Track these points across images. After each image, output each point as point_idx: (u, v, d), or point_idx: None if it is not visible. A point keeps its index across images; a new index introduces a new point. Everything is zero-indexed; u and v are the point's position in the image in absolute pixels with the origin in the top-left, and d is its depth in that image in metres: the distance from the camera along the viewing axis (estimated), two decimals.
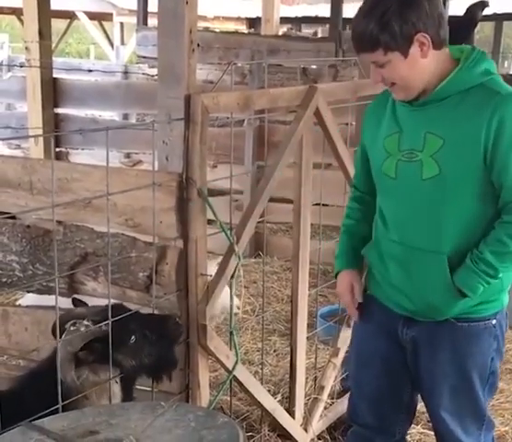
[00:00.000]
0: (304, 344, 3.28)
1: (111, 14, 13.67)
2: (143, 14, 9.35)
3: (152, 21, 9.29)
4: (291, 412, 3.25)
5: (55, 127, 6.01)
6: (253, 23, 13.40)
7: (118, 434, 1.77)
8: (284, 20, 11.23)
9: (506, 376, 4.08)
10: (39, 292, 2.79)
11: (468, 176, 2.03)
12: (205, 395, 2.71)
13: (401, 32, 1.97)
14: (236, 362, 2.77)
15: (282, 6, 9.52)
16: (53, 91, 5.98)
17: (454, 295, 2.11)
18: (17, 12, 11.42)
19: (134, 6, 9.99)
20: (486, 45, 14.60)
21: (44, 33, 5.63)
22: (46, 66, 5.78)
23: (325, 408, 3.44)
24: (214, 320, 4.03)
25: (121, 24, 14.25)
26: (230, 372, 2.77)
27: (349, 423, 2.55)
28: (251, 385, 2.96)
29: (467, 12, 7.20)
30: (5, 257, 2.75)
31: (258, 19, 11.30)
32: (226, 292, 2.77)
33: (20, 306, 3.73)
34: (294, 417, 3.26)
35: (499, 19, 12.10)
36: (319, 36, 12.18)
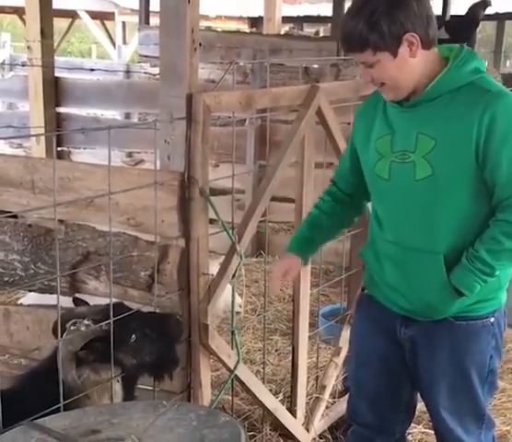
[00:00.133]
0: (306, 344, 3.27)
1: (113, 13, 13.66)
2: (145, 13, 9.34)
3: (154, 20, 9.28)
4: (293, 411, 3.25)
5: (57, 126, 6.01)
6: (255, 22, 13.40)
7: (120, 433, 1.77)
8: (286, 19, 11.22)
9: (508, 375, 4.08)
10: (40, 291, 2.79)
11: (461, 175, 2.03)
12: (207, 394, 2.71)
13: (390, 32, 1.97)
14: (237, 361, 2.77)
15: (284, 6, 9.50)
16: (55, 90, 5.98)
17: (451, 294, 2.10)
18: (19, 11, 11.41)
19: (136, 6, 9.99)
20: (488, 44, 14.60)
21: (46, 32, 5.63)
22: (48, 65, 5.78)
23: (327, 407, 3.44)
24: (216, 319, 4.03)
25: (123, 23, 14.25)
26: (232, 371, 2.77)
27: (349, 422, 2.55)
28: (253, 384, 2.96)
29: (469, 11, 7.20)
30: (6, 256, 2.75)
31: (260, 19, 11.32)
32: (228, 290, 2.78)
33: (22, 305, 3.73)
34: (295, 416, 3.26)
35: (501, 19, 12.08)
36: (321, 35, 12.17)
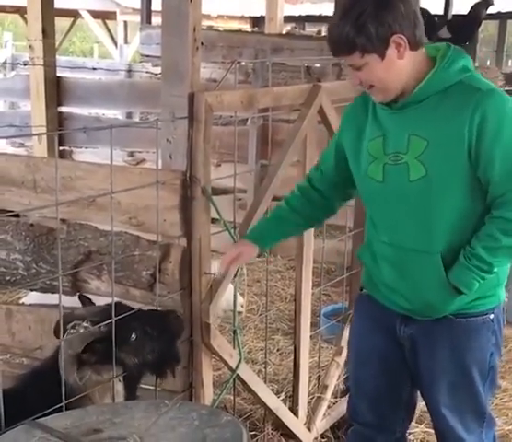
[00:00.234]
0: (307, 343, 3.27)
1: (115, 12, 13.67)
2: (146, 12, 9.34)
3: (156, 20, 9.29)
4: (294, 410, 3.25)
5: (59, 125, 6.01)
6: (257, 22, 13.39)
7: (121, 432, 1.77)
8: (287, 19, 11.22)
9: (510, 375, 4.07)
10: (42, 290, 2.79)
11: (454, 175, 2.02)
12: (209, 394, 2.71)
13: (378, 34, 1.96)
14: (239, 361, 2.77)
15: (286, 5, 9.49)
16: (57, 90, 5.97)
17: (450, 292, 2.10)
18: (21, 10, 11.45)
19: (138, 5, 9.98)
20: (490, 44, 14.61)
21: (48, 32, 5.63)
22: (50, 65, 5.78)
23: (328, 407, 3.44)
24: (218, 318, 4.03)
25: (124, 22, 14.24)
26: (234, 371, 2.77)
27: (349, 421, 2.55)
28: (255, 384, 2.96)
29: (471, 11, 7.21)
30: (8, 255, 2.75)
31: (261, 18, 11.29)
32: (230, 290, 2.78)
33: (24, 304, 3.73)
34: (297, 416, 3.26)
35: (503, 18, 12.10)
36: (322, 34, 12.16)
